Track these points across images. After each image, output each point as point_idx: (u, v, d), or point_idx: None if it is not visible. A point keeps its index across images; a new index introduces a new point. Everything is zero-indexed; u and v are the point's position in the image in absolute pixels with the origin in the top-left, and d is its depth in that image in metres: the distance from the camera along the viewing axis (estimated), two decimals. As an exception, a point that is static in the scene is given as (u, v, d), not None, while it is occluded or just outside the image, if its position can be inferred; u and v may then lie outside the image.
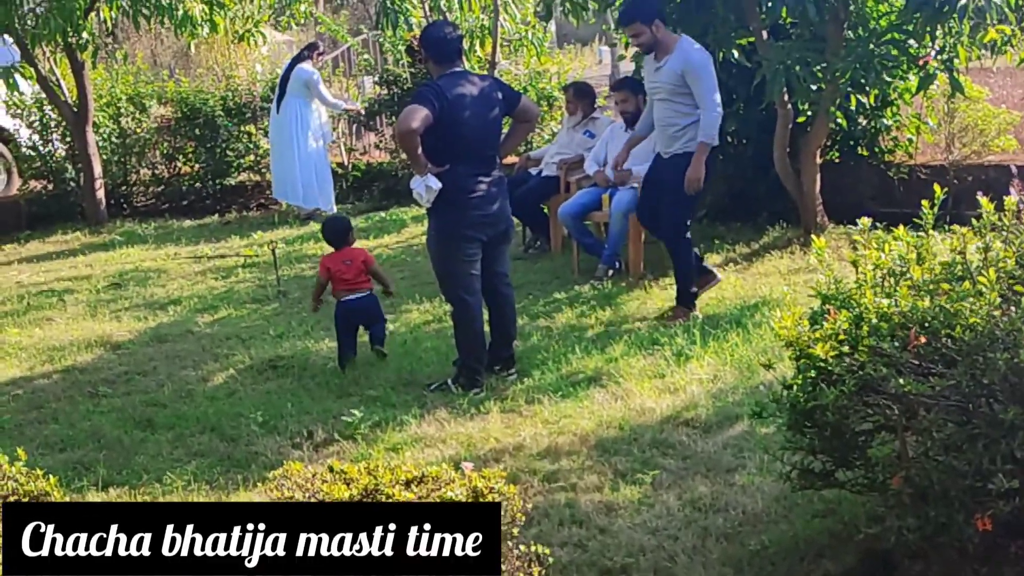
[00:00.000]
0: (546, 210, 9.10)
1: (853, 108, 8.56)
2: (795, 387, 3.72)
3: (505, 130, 6.37)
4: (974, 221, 3.85)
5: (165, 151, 12.55)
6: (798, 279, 7.41)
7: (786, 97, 8.03)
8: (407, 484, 3.05)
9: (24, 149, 12.08)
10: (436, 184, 5.78)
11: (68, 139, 11.85)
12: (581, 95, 9.21)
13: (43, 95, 11.58)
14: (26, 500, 3.15)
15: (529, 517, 4.09)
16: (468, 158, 5.86)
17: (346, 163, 12.27)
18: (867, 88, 8.15)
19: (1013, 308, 3.39)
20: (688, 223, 7.01)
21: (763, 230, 8.66)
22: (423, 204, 5.95)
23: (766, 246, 8.37)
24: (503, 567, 3.04)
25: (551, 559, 3.17)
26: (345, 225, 6.81)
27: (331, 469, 3.11)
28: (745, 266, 7.98)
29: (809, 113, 8.47)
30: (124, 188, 12.49)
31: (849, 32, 7.92)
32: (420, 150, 5.73)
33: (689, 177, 6.76)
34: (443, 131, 5.75)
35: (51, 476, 3.26)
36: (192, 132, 12.28)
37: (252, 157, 12.48)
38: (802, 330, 3.72)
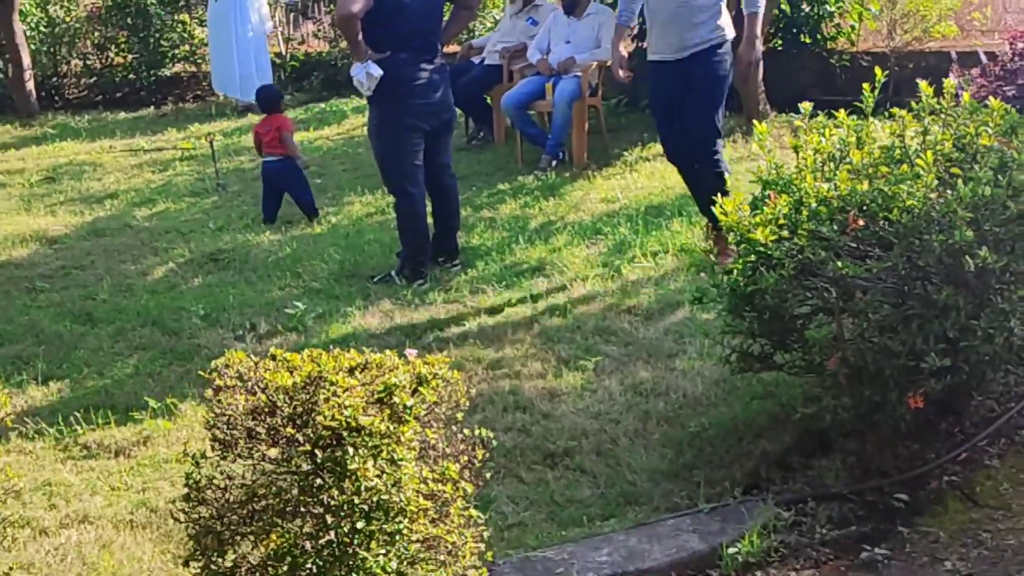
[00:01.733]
0: (489, 100, 9.00)
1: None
2: (735, 272, 3.75)
3: (446, 17, 6.24)
4: (913, 105, 3.87)
5: (96, 41, 12.18)
6: (740, 167, 7.40)
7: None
8: (351, 371, 3.03)
9: (-53, 39, 11.66)
10: (377, 71, 5.67)
11: (-7, 29, 11.45)
12: (523, -19, 9.04)
13: (-35, -18, 11.14)
14: (-37, 393, 3.12)
15: (473, 403, 4.12)
16: (409, 45, 5.75)
17: (284, 53, 12.01)
18: (811, -27, 8.09)
19: (949, 191, 3.44)
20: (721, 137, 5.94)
21: (706, 119, 8.63)
22: (364, 93, 5.85)
23: (709, 135, 8.34)
24: (448, 451, 3.07)
25: (495, 443, 3.20)
26: (275, 93, 7.76)
27: (273, 357, 3.09)
28: (688, 155, 7.96)
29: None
30: (55, 79, 12.15)
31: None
32: (360, 36, 5.61)
33: (743, 59, 5.74)
34: (384, 17, 5.62)
35: (-12, 369, 3.22)
36: (124, 21, 11.92)
37: (187, 47, 12.17)
38: (742, 215, 3.74)
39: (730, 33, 5.82)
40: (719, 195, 3.81)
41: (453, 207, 6.27)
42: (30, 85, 11.34)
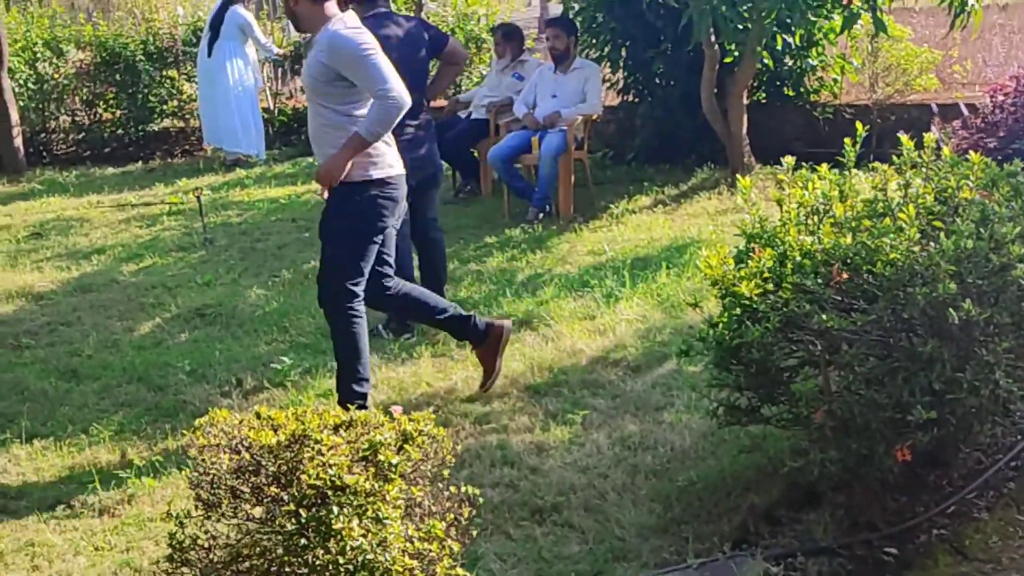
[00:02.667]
0: (476, 154, 9.05)
1: (779, 48, 8.61)
2: (720, 325, 3.76)
3: (432, 72, 6.29)
4: (895, 158, 3.91)
5: (85, 97, 12.23)
6: (726, 219, 7.47)
7: (712, 38, 8.05)
8: (335, 429, 3.02)
9: (-65, 96, 11.69)
10: None
11: (-19, 85, 11.49)
12: (510, 37, 9.15)
13: (-46, 40, 11.20)
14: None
15: (460, 459, 4.11)
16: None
17: (272, 108, 12.07)
18: (792, 28, 8.20)
19: (932, 244, 3.46)
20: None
21: (691, 171, 8.72)
22: None
23: (694, 187, 8.42)
24: (434, 509, 3.05)
25: (482, 500, 3.18)
26: None
27: (258, 415, 3.08)
28: (673, 207, 8.03)
29: (736, 54, 8.49)
30: (43, 135, 12.18)
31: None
32: None
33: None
34: None
35: (-30, 429, 3.19)
36: (112, 77, 11.97)
37: (175, 103, 12.23)
38: (727, 269, 3.75)
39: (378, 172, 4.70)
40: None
41: (440, 261, 6.28)
42: (18, 141, 11.36)
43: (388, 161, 4.81)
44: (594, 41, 9.37)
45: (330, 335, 4.89)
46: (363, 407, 4.50)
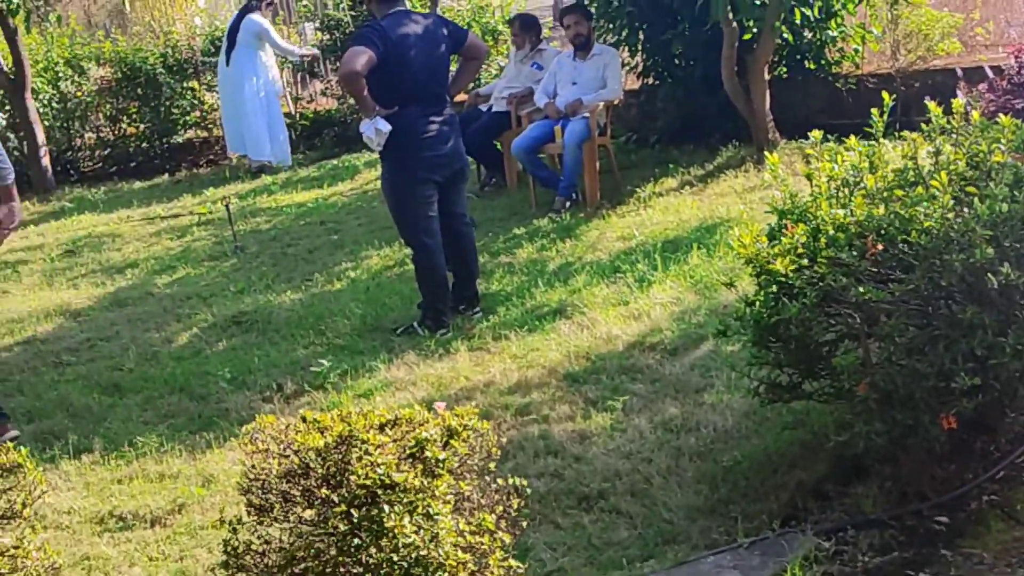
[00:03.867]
0: (499, 146, 9.05)
1: (798, 22, 8.55)
2: (757, 303, 3.75)
3: (453, 68, 6.30)
4: (924, 126, 3.88)
5: (108, 113, 12.32)
6: (754, 197, 7.44)
7: (730, 15, 8.00)
8: (381, 428, 3.05)
9: (-38, 121, 11.83)
10: (386, 127, 5.73)
11: (7, 107, 11.61)
12: (527, 28, 9.13)
13: (-23, 64, 11.32)
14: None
15: (504, 451, 4.12)
16: (417, 98, 5.81)
17: (294, 112, 12.12)
18: (810, 0, 8.13)
19: (966, 209, 3.44)
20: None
21: (716, 151, 8.67)
22: (374, 148, 5.90)
23: (720, 167, 8.39)
24: (483, 502, 3.07)
25: (529, 490, 3.20)
26: None
27: (304, 419, 3.10)
28: (700, 188, 8.00)
29: (755, 30, 8.44)
30: (69, 153, 12.27)
31: (789, -55, 7.89)
32: (366, 92, 5.68)
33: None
34: (389, 72, 5.69)
35: (22, 448, 3.23)
36: (134, 92, 12.05)
37: (198, 113, 12.29)
38: (761, 246, 3.74)
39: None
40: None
41: (470, 255, 6.30)
42: (45, 161, 11.46)
43: None
44: (611, 26, 9.34)
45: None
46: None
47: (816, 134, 4.02)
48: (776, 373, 3.84)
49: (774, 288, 3.69)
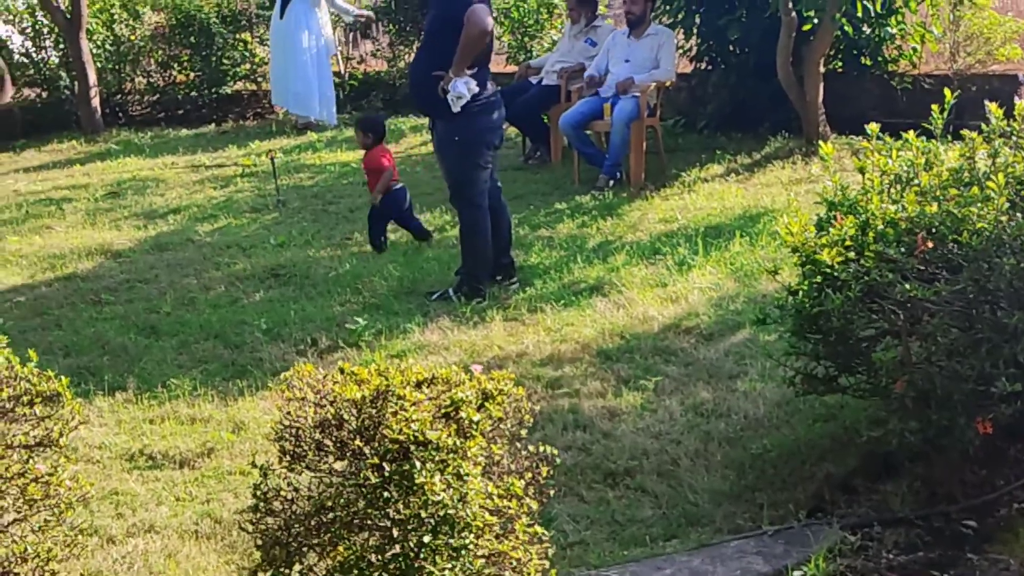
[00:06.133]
0: (546, 119, 9.03)
1: (858, 16, 8.45)
2: (800, 293, 3.74)
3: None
4: (983, 127, 3.83)
5: (160, 59, 12.38)
6: (800, 189, 7.39)
7: (790, 4, 7.92)
8: (418, 385, 3.06)
9: (17, 56, 11.92)
10: (475, 86, 5.73)
11: (61, 46, 11.69)
12: (583, 2, 9.08)
13: (35, 1, 11.39)
14: (39, 400, 3.17)
15: (534, 422, 4.12)
16: (486, 62, 5.87)
17: (343, 72, 12.13)
18: (874, -6, 8.05)
19: (1020, 214, 3.40)
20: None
21: (764, 140, 8.61)
22: (456, 108, 5.80)
23: (768, 156, 8.33)
24: (512, 467, 3.08)
25: (558, 461, 3.21)
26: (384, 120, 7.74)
27: (341, 371, 3.12)
28: (747, 176, 7.95)
29: (815, 21, 8.36)
30: (119, 97, 12.35)
31: (856, -63, 7.79)
32: None
33: None
34: None
35: (62, 377, 3.27)
36: (187, 40, 12.10)
37: (248, 66, 12.33)
38: (808, 236, 3.72)
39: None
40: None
41: (506, 223, 6.30)
42: (95, 102, 11.54)
43: None
44: (667, 7, 9.28)
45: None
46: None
47: (873, 127, 3.98)
48: (813, 365, 3.82)
49: (818, 279, 3.67)
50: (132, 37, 12.08)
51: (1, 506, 2.97)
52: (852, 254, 3.58)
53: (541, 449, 3.18)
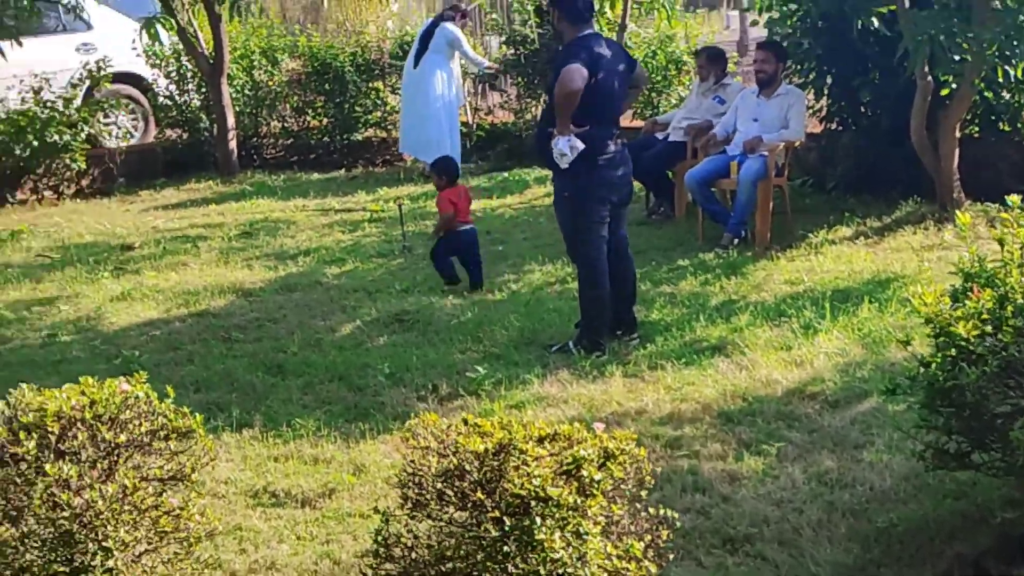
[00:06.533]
0: (671, 175, 9.02)
1: (999, 81, 8.26)
2: (933, 365, 3.64)
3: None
4: None
5: (295, 104, 12.77)
6: (932, 255, 7.21)
7: (927, 68, 7.79)
8: (540, 440, 3.08)
9: (161, 99, 12.43)
10: (580, 144, 5.79)
11: (203, 90, 12.15)
12: (713, 60, 9.09)
13: (181, 46, 11.89)
14: (174, 436, 3.29)
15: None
16: (603, 120, 5.88)
17: (471, 122, 12.34)
18: (1014, 60, 7.86)
19: None
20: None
21: (895, 204, 8.44)
22: (562, 164, 5.89)
23: (898, 221, 8.16)
24: (632, 528, 3.07)
25: (678, 524, 3.18)
26: (457, 163, 8.05)
27: (465, 422, 3.16)
28: (876, 240, 7.80)
29: (953, 85, 8.19)
30: (255, 140, 12.76)
31: (996, 1, 7.63)
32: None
33: None
34: (586, 92, 5.74)
35: (196, 415, 3.38)
36: (322, 87, 12.47)
37: (379, 113, 12.63)
38: (943, 307, 3.64)
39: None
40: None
41: (631, 278, 6.30)
42: (232, 144, 11.95)
43: None
44: (799, 67, 9.21)
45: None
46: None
47: (1015, 199, 3.88)
48: (944, 439, 3.72)
49: (952, 352, 3.58)
50: (270, 83, 12.50)
51: (135, 537, 3.07)
52: (989, 328, 3.48)
53: (660, 511, 3.16)
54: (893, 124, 8.57)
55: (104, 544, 2.97)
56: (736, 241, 7.90)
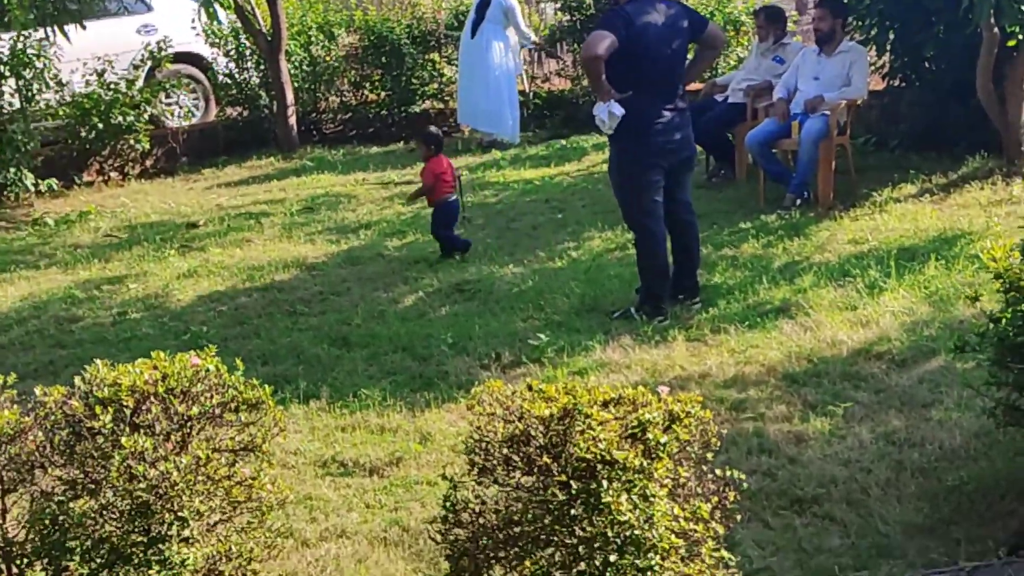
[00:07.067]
0: (732, 137, 8.93)
1: (1067, 30, 8.04)
2: (1003, 321, 3.59)
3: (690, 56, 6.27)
4: None
5: (352, 79, 12.82)
6: (1000, 211, 7.08)
7: (993, 20, 7.61)
8: (605, 404, 3.09)
9: (221, 77, 12.54)
10: (619, 111, 5.76)
11: (262, 67, 12.24)
12: (772, 20, 8.97)
13: (239, 24, 11.97)
14: (244, 407, 3.34)
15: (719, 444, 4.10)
16: (651, 86, 5.84)
17: (527, 91, 12.30)
18: (1084, 9, 7.64)
19: None
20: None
21: (961, 160, 8.28)
22: (605, 131, 5.93)
23: (965, 177, 8.01)
24: (698, 490, 3.07)
25: (744, 485, 3.18)
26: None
27: (529, 387, 3.18)
28: (942, 197, 7.67)
29: (1020, 37, 7.99)
30: (314, 115, 12.84)
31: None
32: (603, 76, 5.72)
33: None
34: (628, 58, 5.71)
35: (266, 386, 3.43)
36: (378, 60, 12.49)
37: (436, 85, 12.63)
38: (1013, 262, 3.58)
39: None
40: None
41: (693, 244, 6.26)
42: (292, 120, 12.04)
43: None
44: (860, 23, 9.04)
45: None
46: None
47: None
48: (1015, 395, 3.66)
49: (1023, 307, 3.52)
50: (327, 58, 12.55)
51: (209, 507, 3.14)
52: (1061, 281, 3.42)
53: (727, 473, 3.15)
54: (958, 79, 8.39)
55: (180, 514, 3.04)
56: (798, 202, 7.81)
